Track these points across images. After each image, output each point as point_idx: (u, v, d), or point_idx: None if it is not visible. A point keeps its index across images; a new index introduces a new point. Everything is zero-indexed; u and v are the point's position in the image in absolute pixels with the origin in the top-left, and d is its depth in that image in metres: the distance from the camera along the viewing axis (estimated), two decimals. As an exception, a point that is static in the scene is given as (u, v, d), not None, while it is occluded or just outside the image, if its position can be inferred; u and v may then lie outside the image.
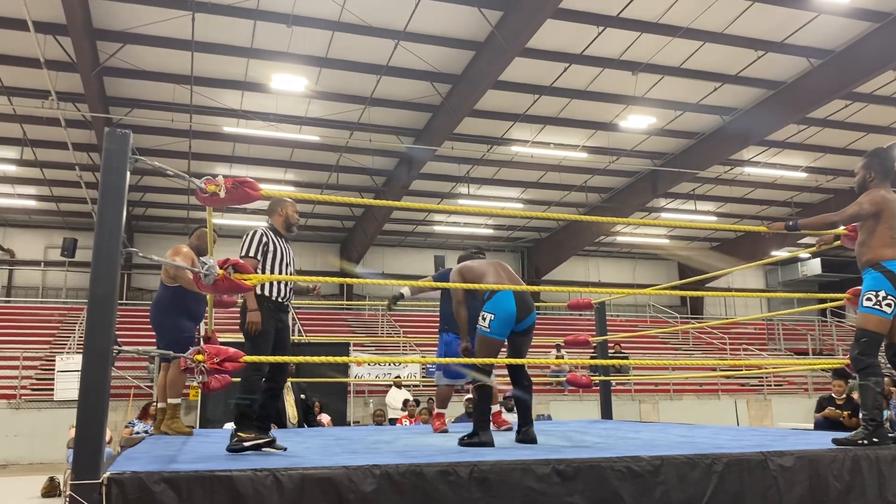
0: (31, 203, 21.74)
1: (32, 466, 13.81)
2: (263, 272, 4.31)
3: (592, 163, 19.98)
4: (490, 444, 4.36)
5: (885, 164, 4.25)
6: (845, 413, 7.79)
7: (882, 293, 3.98)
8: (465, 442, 4.45)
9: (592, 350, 12.09)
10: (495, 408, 6.14)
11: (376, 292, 25.89)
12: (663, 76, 15.56)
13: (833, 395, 8.16)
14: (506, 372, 5.04)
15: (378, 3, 12.72)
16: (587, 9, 13.13)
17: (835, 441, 3.91)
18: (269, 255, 4.37)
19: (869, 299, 4.02)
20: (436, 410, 6.29)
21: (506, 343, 4.77)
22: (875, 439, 3.85)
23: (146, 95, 15.78)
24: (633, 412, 17.50)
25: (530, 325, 4.79)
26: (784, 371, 21.51)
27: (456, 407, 14.70)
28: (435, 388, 6.70)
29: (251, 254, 4.30)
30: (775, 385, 20.95)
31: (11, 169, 18.81)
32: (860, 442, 3.84)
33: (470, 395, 11.65)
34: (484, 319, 4.64)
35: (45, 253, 23.74)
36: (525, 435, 4.65)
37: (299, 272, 24.76)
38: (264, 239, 4.37)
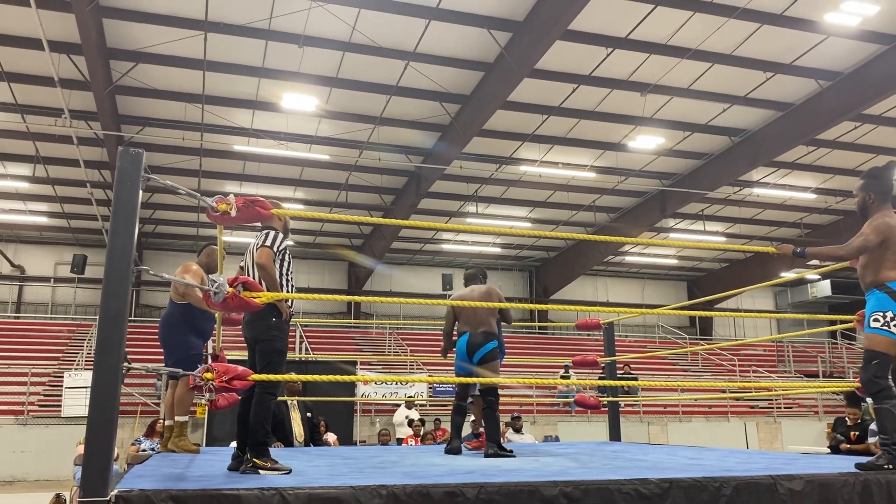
0: (43, 220, 21.90)
1: (39, 483, 13.80)
2: (278, 277, 4.25)
3: (601, 182, 20.00)
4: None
5: (884, 185, 4.21)
6: (852, 434, 7.74)
7: (889, 314, 3.93)
8: (491, 454, 5.19)
9: (601, 371, 12.03)
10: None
11: (384, 310, 25.90)
12: (672, 97, 15.61)
13: (847, 419, 8.12)
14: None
15: (388, 24, 12.84)
16: (596, 30, 13.21)
17: (857, 466, 3.86)
18: (285, 263, 4.34)
19: (876, 320, 3.96)
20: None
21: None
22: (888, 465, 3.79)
23: (158, 113, 15.93)
24: (641, 434, 17.38)
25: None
26: (794, 393, 21.34)
27: (463, 427, 14.64)
28: (443, 409, 6.88)
29: (274, 248, 4.18)
30: (785, 408, 20.78)
31: (24, 186, 18.99)
32: (885, 467, 3.78)
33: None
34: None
35: (54, 269, 23.87)
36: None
37: (307, 290, 24.77)
38: (284, 244, 4.32)
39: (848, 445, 7.80)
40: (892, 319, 3.93)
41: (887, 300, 3.95)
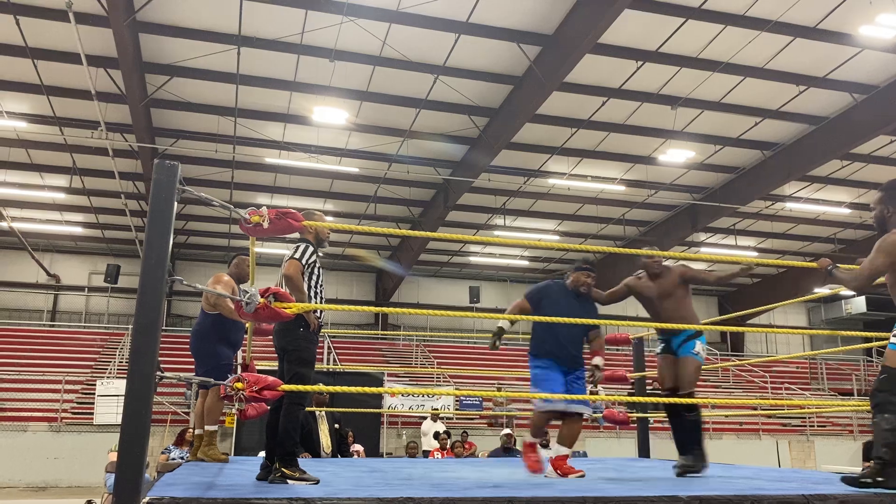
0: (78, 230, 22.33)
1: (71, 490, 13.98)
2: (306, 289, 4.29)
3: (630, 196, 19.88)
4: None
5: None
6: None
7: None
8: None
9: (630, 386, 11.91)
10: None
11: (411, 322, 25.92)
12: (703, 110, 15.49)
13: None
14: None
15: (419, 38, 12.93)
16: (626, 44, 13.18)
17: (843, 479, 3.75)
18: (315, 276, 4.37)
19: (895, 335, 3.83)
20: (531, 439, 5.40)
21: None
22: (880, 478, 3.63)
23: (191, 126, 16.19)
24: (670, 451, 17.11)
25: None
26: (828, 412, 20.90)
27: (491, 441, 14.58)
28: (470, 422, 6.61)
29: (302, 261, 4.24)
30: (818, 426, 20.37)
31: (61, 196, 19.39)
32: (862, 481, 3.66)
33: (508, 431, 11.56)
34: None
35: (89, 279, 24.30)
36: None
37: (335, 301, 24.86)
38: (314, 257, 4.35)
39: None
40: None
41: None
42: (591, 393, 5.43)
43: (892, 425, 3.70)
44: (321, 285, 4.44)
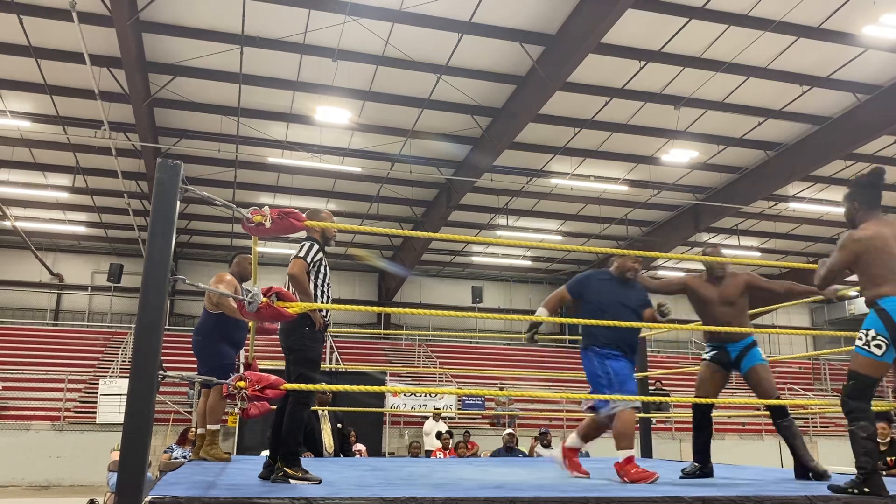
0: (81, 229, 22.36)
1: (73, 489, 14.00)
2: (312, 288, 4.27)
3: (633, 196, 19.86)
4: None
5: (870, 193, 3.98)
6: (889, 459, 7.51)
7: (872, 332, 3.71)
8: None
9: (632, 386, 11.86)
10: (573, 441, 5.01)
11: (413, 322, 25.93)
12: (706, 110, 15.46)
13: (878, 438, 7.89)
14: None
15: (421, 38, 12.93)
16: (629, 44, 13.16)
17: (829, 488, 3.71)
18: (321, 275, 4.34)
19: (860, 338, 3.76)
20: (578, 443, 4.97)
21: None
22: (866, 489, 3.59)
23: (194, 126, 16.21)
24: (673, 451, 17.11)
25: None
26: (831, 413, 20.86)
27: (493, 441, 14.58)
28: (472, 422, 6.48)
29: (307, 260, 4.22)
30: (822, 427, 20.34)
31: (64, 196, 19.42)
32: (849, 491, 3.62)
33: (510, 431, 11.55)
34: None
35: (92, 278, 24.34)
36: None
37: (338, 301, 24.95)
38: (319, 255, 4.33)
39: (884, 471, 7.59)
40: (873, 339, 3.70)
41: (874, 318, 3.73)
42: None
43: (869, 433, 3.66)
44: (328, 284, 4.41)
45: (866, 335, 3.73)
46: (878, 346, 3.69)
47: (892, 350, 3.68)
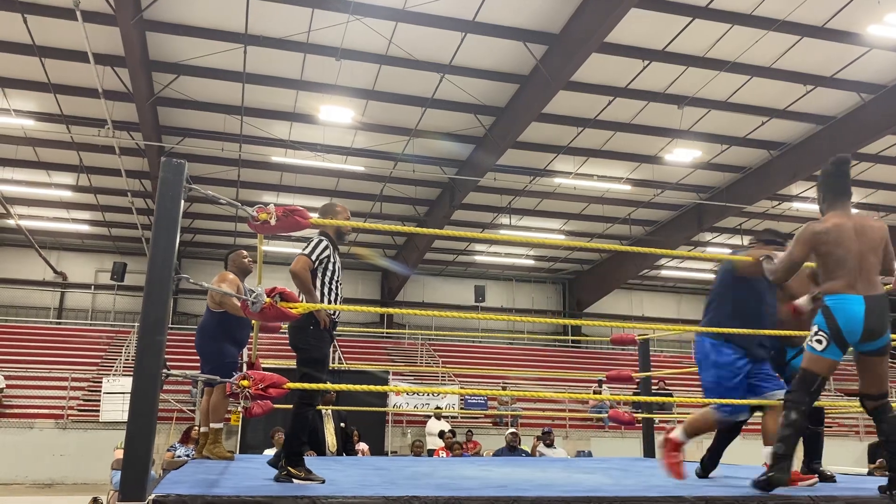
0: (84, 228, 22.40)
1: (77, 486, 14.02)
2: (319, 286, 4.22)
3: (636, 195, 19.85)
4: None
5: (835, 182, 3.86)
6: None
7: (815, 328, 3.70)
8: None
9: (635, 386, 11.87)
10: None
11: (416, 321, 25.93)
12: (709, 110, 15.45)
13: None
14: None
15: (425, 37, 12.93)
16: (632, 43, 13.15)
17: (753, 484, 3.63)
18: (329, 272, 4.25)
19: (809, 334, 3.76)
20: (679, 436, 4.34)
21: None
22: (770, 472, 3.55)
23: (198, 125, 16.23)
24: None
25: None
26: (834, 412, 20.83)
27: (496, 440, 14.57)
28: (474, 421, 6.43)
29: (312, 257, 4.16)
30: (824, 427, 20.28)
31: (67, 194, 19.46)
32: (760, 478, 3.59)
33: (513, 430, 11.54)
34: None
35: (95, 276, 24.38)
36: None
37: (342, 300, 25.04)
38: (327, 252, 4.23)
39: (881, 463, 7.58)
40: (815, 335, 3.69)
41: (819, 314, 3.71)
42: None
43: (790, 422, 3.63)
44: (337, 281, 4.30)
45: (812, 331, 3.73)
46: (819, 342, 3.68)
47: (836, 347, 3.67)
